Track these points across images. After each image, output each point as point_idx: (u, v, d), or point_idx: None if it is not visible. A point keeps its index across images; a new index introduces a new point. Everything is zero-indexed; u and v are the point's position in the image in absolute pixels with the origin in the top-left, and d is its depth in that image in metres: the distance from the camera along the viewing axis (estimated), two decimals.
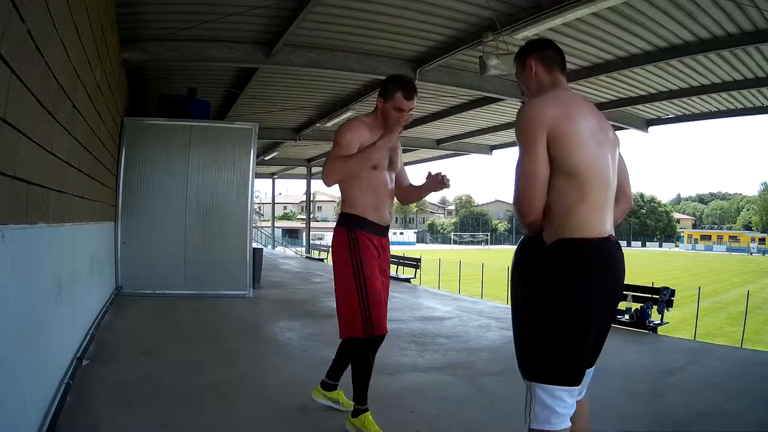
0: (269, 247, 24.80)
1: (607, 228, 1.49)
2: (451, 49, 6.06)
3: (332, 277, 2.43)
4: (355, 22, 5.56)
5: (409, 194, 2.57)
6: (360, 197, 2.31)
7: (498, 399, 2.95)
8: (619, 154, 1.64)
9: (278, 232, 35.35)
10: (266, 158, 15.37)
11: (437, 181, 2.39)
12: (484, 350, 4.24)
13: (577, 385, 1.48)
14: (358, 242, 2.28)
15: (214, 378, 3.16)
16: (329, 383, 2.63)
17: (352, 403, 2.41)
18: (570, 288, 1.44)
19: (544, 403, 1.46)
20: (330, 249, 2.57)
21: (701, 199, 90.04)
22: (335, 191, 2.48)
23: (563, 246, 1.46)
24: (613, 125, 7.55)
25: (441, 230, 65.95)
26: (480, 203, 72.55)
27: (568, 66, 6.68)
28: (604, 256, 1.47)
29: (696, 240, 59.68)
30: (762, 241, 52.15)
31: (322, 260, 16.67)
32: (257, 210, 39.92)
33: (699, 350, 4.53)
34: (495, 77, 6.42)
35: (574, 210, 1.46)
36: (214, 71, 7.41)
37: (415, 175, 2.54)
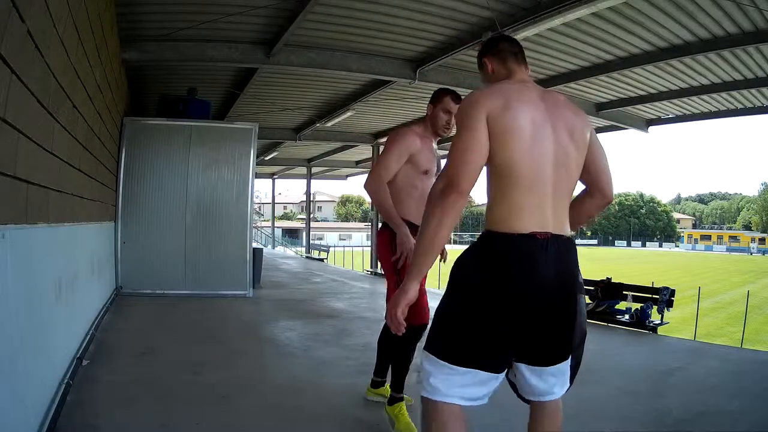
0: (269, 247, 24.79)
1: (532, 225, 1.42)
2: (451, 49, 6.06)
3: (332, 277, 2.48)
4: (355, 22, 5.56)
5: None
6: (406, 200, 2.48)
7: (499, 399, 2.94)
8: (595, 145, 1.57)
9: (278, 232, 35.36)
10: (266, 158, 15.36)
11: None
12: None
13: (463, 366, 1.44)
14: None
15: (214, 378, 3.16)
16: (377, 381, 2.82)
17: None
18: (474, 276, 1.45)
19: (424, 367, 1.50)
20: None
21: (701, 199, 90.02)
22: (335, 191, 2.55)
23: (484, 237, 1.48)
24: (614, 125, 7.49)
25: None
26: (480, 203, 72.57)
27: (568, 66, 6.64)
28: (516, 253, 1.41)
29: (696, 240, 59.72)
30: (762, 241, 52.17)
31: (322, 260, 16.66)
32: (257, 210, 39.90)
33: (699, 350, 4.53)
34: None
35: (496, 204, 1.46)
36: (214, 71, 7.40)
37: None
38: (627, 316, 5.45)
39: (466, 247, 1.55)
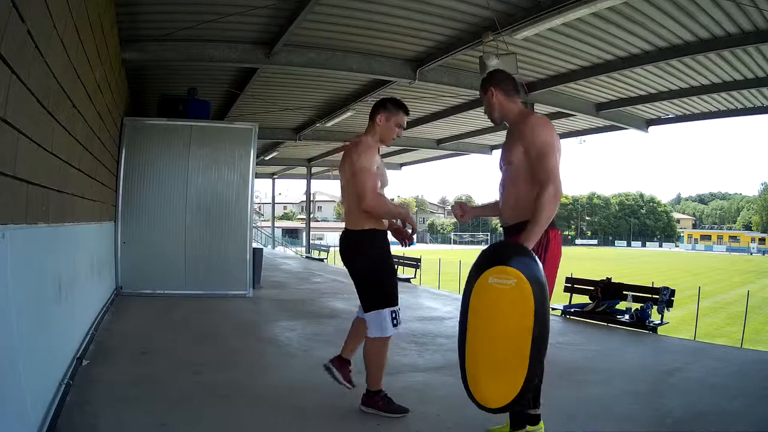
0: (269, 247, 24.80)
1: (346, 225, 2.60)
2: (451, 49, 6.06)
3: (332, 277, 2.49)
4: (355, 22, 5.56)
5: None
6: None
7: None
8: (352, 169, 2.44)
9: (278, 232, 35.36)
10: (266, 158, 15.36)
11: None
12: None
13: None
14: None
15: (214, 378, 3.16)
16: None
17: None
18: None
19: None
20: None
21: (701, 199, 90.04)
22: (335, 191, 2.65)
23: None
24: (614, 125, 7.57)
25: (441, 230, 65.92)
26: (480, 203, 72.48)
27: (568, 66, 6.67)
28: (341, 239, 2.63)
29: (696, 240, 59.67)
30: (762, 241, 52.14)
31: (322, 260, 16.66)
32: (257, 210, 39.91)
33: (699, 350, 4.52)
34: None
35: None
36: (214, 71, 7.40)
37: (415, 175, 2.63)
38: (627, 316, 5.45)
39: (466, 246, 1.59)
